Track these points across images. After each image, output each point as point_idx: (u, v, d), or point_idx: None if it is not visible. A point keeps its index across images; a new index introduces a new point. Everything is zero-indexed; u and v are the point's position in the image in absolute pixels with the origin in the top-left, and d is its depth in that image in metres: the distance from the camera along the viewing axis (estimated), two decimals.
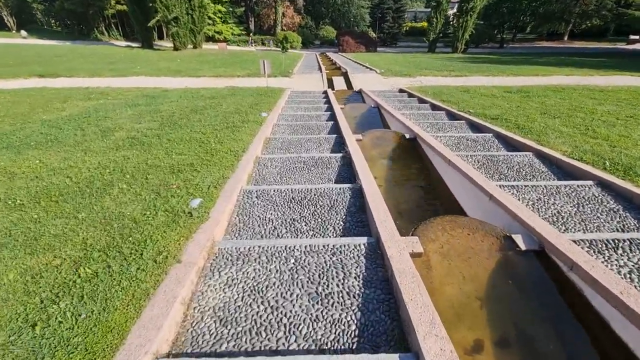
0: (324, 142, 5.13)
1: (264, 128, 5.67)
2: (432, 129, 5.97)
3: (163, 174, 3.49)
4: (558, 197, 3.27)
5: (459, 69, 16.83)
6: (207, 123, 5.72)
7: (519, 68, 17.12)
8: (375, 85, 12.73)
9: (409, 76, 14.87)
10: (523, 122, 5.94)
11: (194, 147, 4.40)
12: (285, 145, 5.02)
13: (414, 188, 4.30)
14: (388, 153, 5.13)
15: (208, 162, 3.88)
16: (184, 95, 8.81)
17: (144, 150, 4.24)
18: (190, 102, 7.77)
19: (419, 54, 31.38)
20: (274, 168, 4.11)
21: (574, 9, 42.46)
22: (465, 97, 8.90)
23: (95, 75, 14.26)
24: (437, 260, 2.44)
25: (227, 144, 4.60)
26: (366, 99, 9.80)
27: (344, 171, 4.01)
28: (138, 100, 7.86)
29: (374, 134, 5.59)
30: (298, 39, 37.41)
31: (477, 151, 4.80)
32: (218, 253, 2.39)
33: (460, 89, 10.61)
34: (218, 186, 3.29)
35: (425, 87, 11.12)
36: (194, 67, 17.44)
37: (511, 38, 48.64)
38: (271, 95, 9.22)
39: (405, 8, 50.17)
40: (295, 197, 3.29)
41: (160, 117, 6.13)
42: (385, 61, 21.80)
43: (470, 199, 3.54)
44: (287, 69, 16.94)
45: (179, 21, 27.05)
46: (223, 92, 9.84)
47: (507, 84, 12.28)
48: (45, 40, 33.07)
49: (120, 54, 24.75)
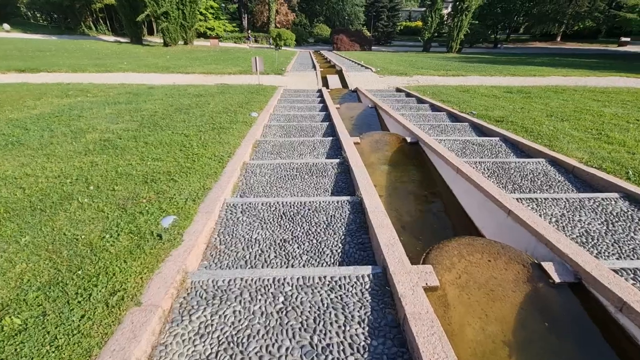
0: (318, 146, 4.70)
1: (254, 130, 5.22)
2: (435, 132, 5.59)
3: (134, 185, 3.03)
4: (583, 212, 2.90)
5: (456, 69, 16.54)
6: (192, 124, 5.24)
7: (515, 68, 16.90)
8: (371, 84, 12.34)
9: (405, 75, 14.51)
10: (530, 124, 5.59)
11: (174, 152, 3.93)
12: (276, 149, 4.58)
13: (419, 199, 3.90)
14: (389, 158, 4.72)
15: (188, 170, 3.42)
16: (170, 93, 8.29)
17: (116, 156, 3.76)
18: (175, 100, 7.26)
19: (414, 53, 31.11)
20: (263, 176, 3.67)
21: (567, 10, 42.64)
22: (465, 97, 8.55)
23: (79, 70, 13.60)
24: (455, 295, 2.04)
25: (212, 148, 4.14)
26: (362, 98, 9.39)
27: (341, 180, 3.59)
28: (119, 98, 7.33)
29: (372, 137, 5.18)
30: (292, 36, 36.76)
31: (485, 157, 4.43)
32: (190, 289, 1.95)
33: (459, 88, 10.27)
34: (197, 199, 2.84)
35: (422, 87, 10.76)
36: (183, 64, 16.83)
37: (505, 38, 48.72)
38: (263, 94, 8.75)
39: (400, 7, 49.82)
40: (287, 213, 2.86)
41: (141, 116, 5.63)
42: (381, 60, 21.42)
43: (484, 214, 3.15)
44: (281, 66, 16.45)
45: (169, 16, 26.26)
46: (212, 89, 9.34)
47: (506, 84, 12.00)
48: (30, 34, 31.92)
49: (108, 49, 23.92)
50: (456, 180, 3.76)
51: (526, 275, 2.15)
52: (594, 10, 41.30)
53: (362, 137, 5.11)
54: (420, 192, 4.07)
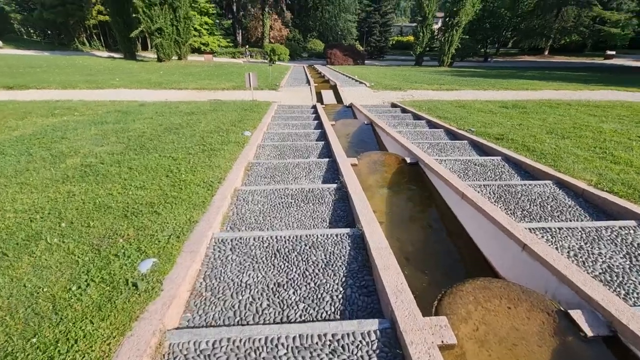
0: (314, 168, 4.47)
1: (247, 151, 4.98)
2: (434, 151, 5.41)
3: (112, 220, 2.75)
4: (602, 244, 2.68)
5: (449, 83, 16.66)
6: (181, 145, 4.99)
7: (508, 82, 17.06)
8: (365, 99, 12.27)
9: (399, 90, 14.52)
10: (531, 142, 5.45)
11: (160, 178, 3.66)
12: (270, 172, 4.33)
13: (422, 227, 3.67)
14: (388, 181, 4.50)
15: (174, 200, 3.15)
16: (161, 111, 8.06)
17: (97, 183, 3.48)
18: (165, 119, 7.03)
19: (407, 67, 31.51)
20: (255, 204, 3.41)
21: (553, 25, 43.93)
22: (462, 113, 8.46)
23: (69, 87, 13.37)
24: (474, 352, 1.78)
25: (201, 173, 3.88)
26: (358, 114, 9.26)
27: (339, 208, 3.35)
28: (107, 117, 7.07)
29: (370, 157, 4.97)
30: (286, 51, 37.13)
31: (489, 179, 4.23)
32: (168, 354, 1.67)
33: (455, 103, 10.22)
34: (182, 235, 2.56)
35: (418, 102, 10.70)
36: (176, 79, 16.70)
37: (494, 52, 49.89)
38: (256, 111, 8.57)
39: (391, 22, 50.85)
40: (281, 250, 2.59)
41: (128, 137, 5.37)
42: (374, 74, 21.56)
43: (496, 246, 2.92)
44: (275, 81, 16.40)
45: (162, 32, 26.33)
46: (204, 106, 9.14)
47: (500, 98, 12.02)
48: (22, 50, 31.77)
49: (100, 65, 23.79)
50: (461, 206, 3.54)
51: (553, 326, 1.90)
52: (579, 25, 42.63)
53: (359, 158, 4.90)
54: (423, 218, 3.84)
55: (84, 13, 33.03)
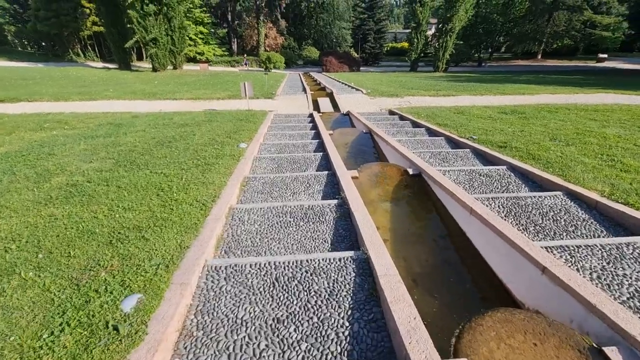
0: (313, 182, 4.27)
1: (242, 164, 4.78)
2: (436, 160, 5.24)
3: (95, 248, 2.52)
4: (625, 264, 2.50)
5: (446, 88, 16.62)
6: (174, 160, 4.78)
7: (504, 86, 17.07)
8: (363, 107, 12.15)
9: (396, 96, 14.44)
10: (535, 150, 5.29)
11: (150, 198, 3.45)
12: (267, 187, 4.13)
13: (429, 245, 3.46)
14: (390, 194, 4.31)
15: (164, 223, 2.94)
16: (154, 123, 7.86)
17: (82, 205, 3.26)
18: (158, 131, 6.83)
19: (402, 73, 31.63)
20: (251, 224, 3.20)
21: (545, 29, 44.50)
22: (461, 119, 8.33)
23: (61, 99, 13.17)
24: None
25: (194, 191, 3.67)
26: (355, 122, 9.11)
27: (341, 227, 3.14)
28: (98, 131, 6.86)
29: (371, 169, 4.79)
30: (281, 59, 37.25)
31: (496, 190, 4.05)
32: None
33: (453, 110, 10.11)
34: (171, 264, 2.35)
35: (416, 109, 10.58)
36: (171, 89, 16.55)
37: (488, 57, 50.34)
38: (252, 121, 8.39)
39: (385, 29, 51.32)
40: (280, 278, 2.38)
41: (118, 152, 5.16)
42: (371, 81, 21.55)
43: (511, 268, 2.72)
44: (271, 90, 16.29)
45: (157, 42, 26.28)
46: (199, 117, 8.95)
47: (498, 103, 11.96)
48: (16, 62, 31.57)
49: (95, 76, 23.63)
50: (470, 222, 3.35)
51: None
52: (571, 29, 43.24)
53: (360, 170, 4.72)
54: (430, 235, 3.64)
55: (78, 24, 32.97)
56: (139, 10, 24.61)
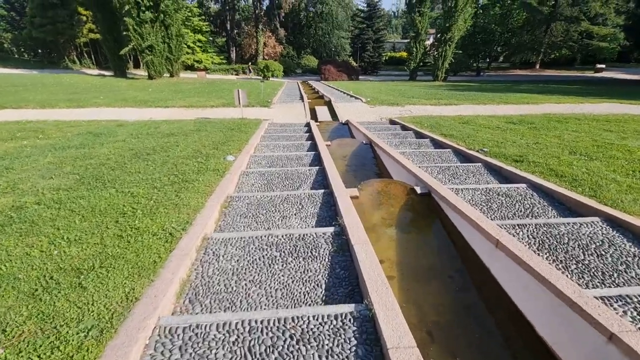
0: (307, 203, 3.68)
1: (227, 181, 4.19)
2: (445, 177, 4.66)
3: (10, 303, 1.90)
4: None
5: (447, 97, 16.19)
6: (147, 176, 4.18)
7: (506, 96, 16.67)
8: (362, 116, 11.64)
9: (396, 105, 13.97)
10: (556, 165, 4.73)
11: (106, 226, 2.84)
12: (252, 210, 3.53)
13: (445, 285, 2.85)
14: (396, 218, 3.71)
15: (114, 261, 2.33)
16: (137, 132, 7.28)
17: (17, 237, 2.64)
18: (139, 141, 6.24)
19: (401, 82, 31.36)
20: (228, 260, 2.59)
21: (543, 40, 44.66)
22: (467, 130, 7.80)
23: (48, 106, 12.63)
24: None
25: (162, 216, 3.06)
26: (355, 132, 8.56)
27: (339, 264, 2.54)
28: (73, 141, 6.27)
29: (373, 187, 4.20)
30: (280, 67, 36.95)
31: (520, 215, 3.47)
32: None
33: (457, 119, 9.60)
34: (107, 329, 1.73)
35: (418, 118, 10.06)
36: (164, 97, 16.05)
37: (486, 67, 50.44)
38: (244, 130, 7.83)
39: (384, 38, 51.42)
40: (256, 347, 1.76)
41: (86, 166, 4.56)
42: (370, 89, 21.15)
43: (559, 327, 2.11)
44: (267, 98, 15.80)
45: (153, 49, 25.90)
46: (188, 126, 8.39)
47: (502, 113, 11.49)
48: (10, 69, 31.14)
49: (88, 83, 23.16)
50: (495, 256, 2.75)
51: None
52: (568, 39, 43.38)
53: (360, 188, 4.13)
54: (444, 270, 3.03)
55: (74, 31, 32.66)
56: (135, 17, 24.31)
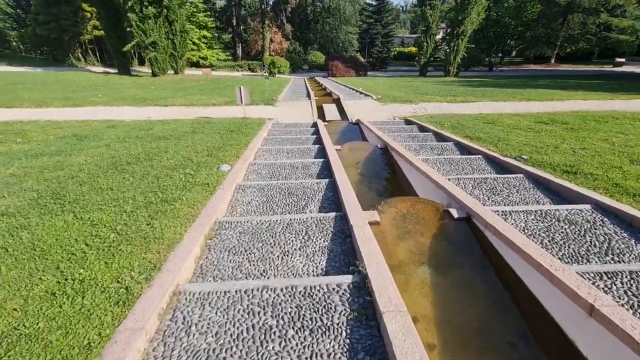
0: (315, 233, 2.88)
1: (216, 200, 3.42)
2: (483, 192, 3.82)
3: None
4: None
5: (463, 94, 15.20)
6: (119, 195, 3.43)
7: (526, 92, 15.61)
8: (373, 114, 10.78)
9: (410, 102, 13.05)
10: (621, 179, 3.84)
11: (39, 276, 2.09)
12: (244, 243, 2.75)
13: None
14: (429, 253, 2.88)
15: (24, 347, 1.56)
16: (126, 135, 6.57)
17: None
18: (125, 147, 5.52)
19: (412, 78, 30.29)
20: (202, 335, 1.80)
21: (559, 33, 42.90)
22: (495, 131, 6.89)
23: (43, 105, 12.06)
24: None
25: (122, 259, 2.30)
26: (367, 134, 7.72)
27: (361, 345, 1.73)
28: (51, 146, 5.57)
29: (397, 208, 3.38)
30: (286, 63, 36.13)
31: (596, 253, 2.61)
32: None
33: (480, 119, 8.68)
34: None
35: (436, 117, 9.16)
36: (165, 95, 15.39)
37: (499, 61, 48.79)
38: (245, 132, 7.06)
39: (393, 33, 50.05)
40: None
41: (51, 180, 3.83)
42: (380, 86, 20.20)
43: None
44: (272, 95, 15.01)
45: (157, 46, 25.26)
46: (184, 127, 7.66)
47: (525, 111, 10.51)
48: (15, 67, 30.87)
49: (90, 80, 22.67)
50: (588, 328, 1.92)
51: None
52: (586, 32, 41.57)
53: (381, 210, 3.31)
54: (503, 335, 2.21)
55: (78, 28, 32.25)
56: (138, 12, 23.68)
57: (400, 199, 3.54)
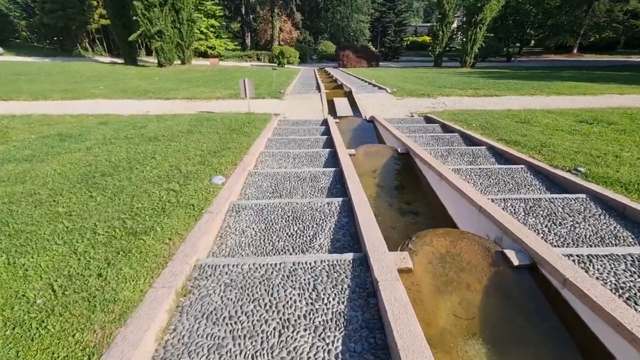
0: (326, 288, 2.11)
1: (200, 229, 2.67)
2: (541, 222, 2.98)
3: None
4: None
5: (485, 87, 14.09)
6: (75, 225, 2.70)
7: (553, 84, 14.40)
8: (388, 110, 9.88)
9: (427, 96, 12.07)
10: None
11: None
12: (229, 304, 1.99)
13: None
14: (484, 323, 2.09)
15: None
16: (114, 135, 5.88)
17: None
18: (107, 150, 4.81)
19: (426, 69, 28.90)
20: None
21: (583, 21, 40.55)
22: (533, 133, 5.96)
23: (41, 98, 11.52)
24: None
25: (38, 351, 1.58)
26: (384, 134, 6.87)
27: None
28: (25, 149, 4.91)
29: (432, 246, 2.58)
30: (295, 54, 34.98)
31: None
32: None
33: (511, 116, 7.72)
34: None
35: (459, 114, 8.22)
36: (169, 87, 14.69)
37: (517, 51, 46.63)
38: (247, 132, 6.29)
39: (407, 22, 48.20)
40: None
41: (2, 199, 3.14)
42: (394, 77, 19.10)
43: None
44: (280, 88, 14.17)
45: (163, 35, 24.50)
46: (181, 125, 6.93)
47: (556, 106, 9.48)
48: (23, 57, 30.62)
49: (95, 71, 22.13)
50: None
51: None
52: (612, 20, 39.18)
53: (413, 249, 2.52)
54: None
55: (85, 17, 31.70)
56: (144, 0, 22.89)
57: (435, 233, 2.72)
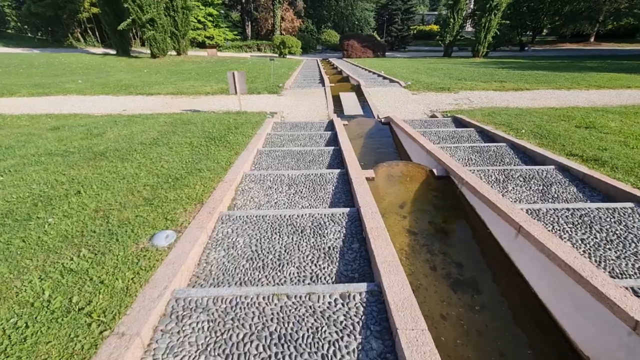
0: None
1: None
2: None
3: None
4: None
5: (509, 79, 12.47)
6: None
7: (589, 76, 12.76)
8: (405, 107, 8.37)
9: (447, 91, 10.48)
10: None
11: None
12: None
13: None
14: None
15: None
16: (52, 149, 4.47)
17: None
18: (17, 179, 3.40)
19: (436, 59, 27.07)
20: None
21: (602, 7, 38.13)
22: (611, 143, 4.46)
23: (6, 94, 10.14)
24: None
25: None
26: (405, 141, 5.38)
27: None
28: None
29: None
30: (298, 43, 33.09)
31: None
32: None
33: (564, 118, 6.19)
34: None
35: (495, 114, 6.68)
36: (155, 81, 13.20)
37: (531, 40, 44.31)
38: (231, 142, 4.84)
39: (414, 9, 45.85)
40: None
41: None
42: (404, 68, 17.41)
43: None
44: (279, 81, 12.63)
45: (155, 24, 22.83)
46: (149, 131, 5.50)
47: (602, 103, 7.93)
48: (11, 49, 29.12)
49: (81, 62, 20.63)
50: None
51: None
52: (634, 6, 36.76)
53: None
54: None
55: (75, 5, 30.01)
56: None
57: None
